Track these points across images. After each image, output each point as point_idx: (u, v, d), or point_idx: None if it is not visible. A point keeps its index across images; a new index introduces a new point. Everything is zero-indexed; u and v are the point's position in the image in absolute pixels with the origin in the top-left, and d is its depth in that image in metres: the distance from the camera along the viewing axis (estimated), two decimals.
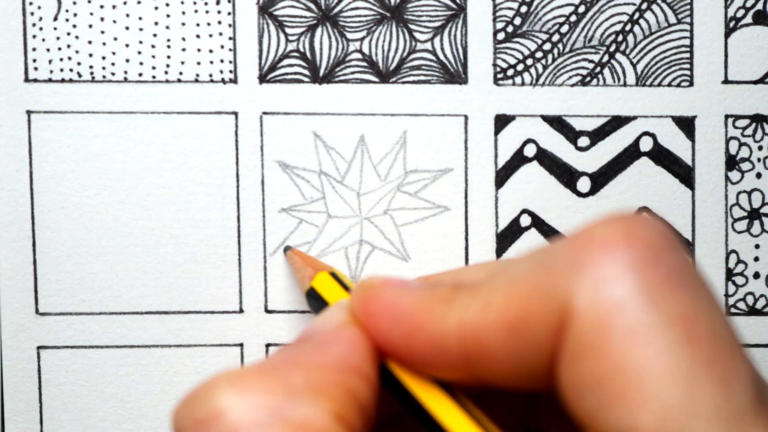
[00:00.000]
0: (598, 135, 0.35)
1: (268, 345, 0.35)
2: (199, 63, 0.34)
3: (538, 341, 0.17)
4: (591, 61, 0.35)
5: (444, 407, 0.19)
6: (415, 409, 0.20)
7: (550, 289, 0.17)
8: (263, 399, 0.17)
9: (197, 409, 0.18)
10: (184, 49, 0.34)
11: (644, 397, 0.16)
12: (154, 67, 0.34)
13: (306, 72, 0.34)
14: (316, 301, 0.29)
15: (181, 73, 0.34)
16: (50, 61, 0.34)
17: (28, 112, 0.34)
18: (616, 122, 0.35)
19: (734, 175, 0.35)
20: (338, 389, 0.18)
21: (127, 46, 0.34)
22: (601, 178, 0.35)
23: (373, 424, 0.19)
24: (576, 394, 0.17)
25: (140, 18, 0.34)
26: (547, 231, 0.35)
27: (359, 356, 0.19)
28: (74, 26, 0.34)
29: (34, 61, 0.34)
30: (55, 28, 0.34)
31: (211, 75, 0.34)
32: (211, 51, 0.34)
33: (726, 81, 0.35)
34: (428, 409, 0.19)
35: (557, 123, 0.35)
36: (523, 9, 0.34)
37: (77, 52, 0.34)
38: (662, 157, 0.35)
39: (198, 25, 0.34)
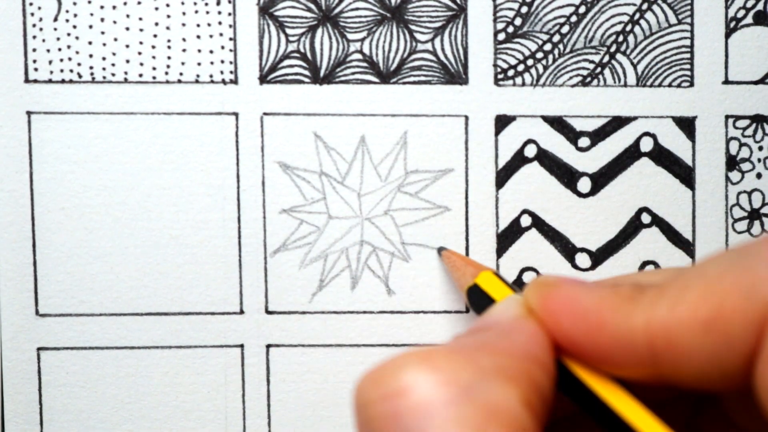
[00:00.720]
0: (598, 135, 0.35)
1: (268, 346, 0.35)
2: (199, 64, 0.34)
3: (735, 340, 0.17)
4: (591, 62, 0.35)
5: (628, 404, 0.19)
6: (594, 406, 0.19)
7: (750, 287, 0.17)
8: (453, 377, 0.17)
9: (384, 384, 0.17)
10: (184, 50, 0.34)
11: None
12: (154, 68, 0.34)
13: (306, 72, 0.34)
14: (479, 299, 0.29)
15: (181, 74, 0.34)
16: (50, 62, 0.34)
17: (28, 113, 0.34)
18: (617, 123, 0.35)
19: (734, 176, 0.35)
20: (524, 376, 0.18)
21: (127, 46, 0.34)
22: (602, 179, 0.35)
23: (549, 420, 0.19)
24: None
25: (140, 18, 0.34)
26: (548, 231, 0.35)
27: (541, 348, 0.19)
28: (74, 27, 0.34)
29: (35, 61, 0.34)
30: (55, 29, 0.34)
31: (211, 76, 0.34)
32: (211, 51, 0.34)
33: (726, 81, 0.35)
34: (611, 405, 0.19)
35: (558, 123, 0.35)
36: (524, 9, 0.34)
37: (77, 52, 0.34)
38: (663, 157, 0.35)
39: (198, 25, 0.34)
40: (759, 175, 0.35)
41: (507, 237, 0.35)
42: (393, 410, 0.17)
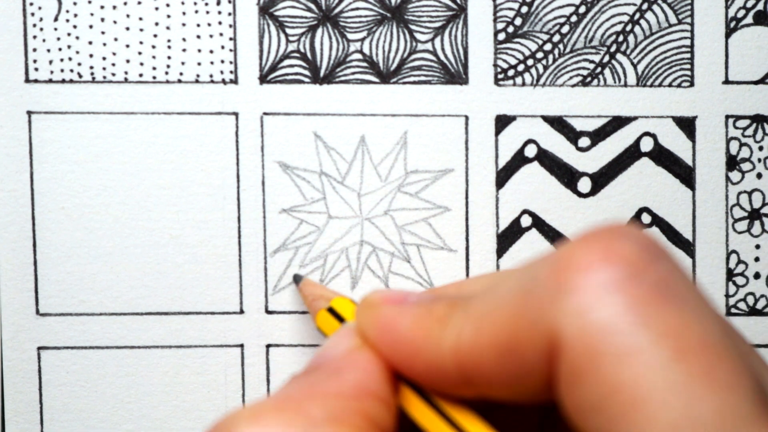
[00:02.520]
0: (598, 135, 0.35)
1: (268, 346, 0.35)
2: (199, 63, 0.34)
3: (529, 366, 0.17)
4: (592, 62, 0.35)
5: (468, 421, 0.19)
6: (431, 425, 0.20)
7: (536, 318, 0.17)
8: None
9: None
10: (184, 50, 0.34)
11: (646, 418, 0.16)
12: (154, 68, 0.34)
13: (306, 72, 0.34)
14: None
15: (181, 74, 0.34)
16: (51, 62, 0.34)
17: (29, 113, 0.34)
18: (617, 123, 0.35)
19: (735, 176, 0.35)
20: (358, 417, 0.18)
21: (127, 46, 0.34)
22: (602, 179, 0.35)
23: None
24: (579, 417, 0.17)
25: (140, 18, 0.34)
26: (548, 231, 0.35)
27: (375, 380, 0.19)
28: (74, 27, 0.34)
29: (35, 61, 0.34)
30: (55, 29, 0.34)
31: (211, 75, 0.34)
32: (211, 51, 0.34)
33: (726, 81, 0.35)
34: (455, 421, 0.19)
35: (558, 123, 0.35)
36: (524, 9, 0.34)
37: (78, 52, 0.34)
38: (663, 157, 0.35)
39: (198, 25, 0.34)
40: (759, 175, 0.35)
41: (507, 237, 0.35)
42: None
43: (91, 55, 0.34)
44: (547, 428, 0.22)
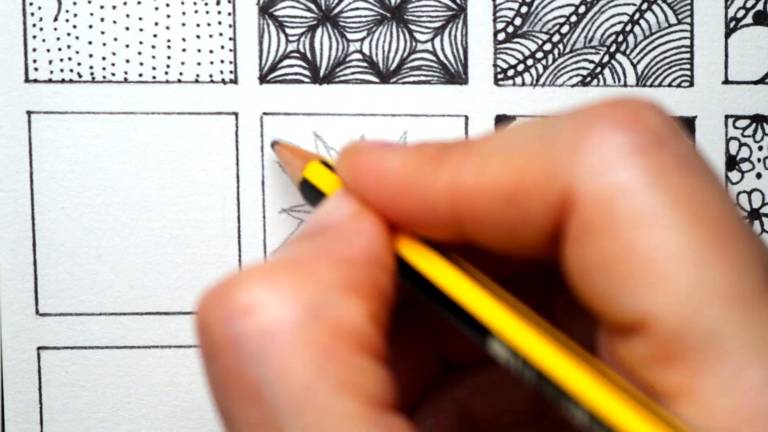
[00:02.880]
0: None
1: None
2: (199, 63, 0.34)
3: (533, 216, 0.17)
4: (591, 62, 0.35)
5: (468, 289, 0.18)
6: (434, 294, 0.19)
7: (551, 167, 0.17)
8: (297, 295, 0.17)
9: (226, 303, 0.17)
10: (184, 50, 0.34)
11: (656, 279, 0.15)
12: (154, 68, 0.34)
13: (306, 72, 0.34)
14: (312, 193, 0.27)
15: (181, 74, 0.34)
16: (50, 62, 0.34)
17: (28, 113, 0.34)
18: None
19: (734, 176, 0.35)
20: (369, 286, 0.18)
21: (127, 46, 0.34)
22: None
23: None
24: (584, 279, 0.16)
25: (140, 18, 0.34)
26: None
27: (380, 248, 0.19)
28: (74, 26, 0.34)
29: (35, 61, 0.34)
30: (55, 29, 0.34)
31: (211, 75, 0.34)
32: (211, 51, 0.34)
33: (726, 81, 0.35)
34: (448, 291, 0.18)
35: None
36: (524, 9, 0.34)
37: (77, 52, 0.34)
38: None
39: (198, 25, 0.34)
40: (759, 175, 0.35)
41: None
42: (235, 332, 0.16)
43: (91, 55, 0.34)
44: (543, 299, 0.22)
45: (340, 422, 0.16)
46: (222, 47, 0.34)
